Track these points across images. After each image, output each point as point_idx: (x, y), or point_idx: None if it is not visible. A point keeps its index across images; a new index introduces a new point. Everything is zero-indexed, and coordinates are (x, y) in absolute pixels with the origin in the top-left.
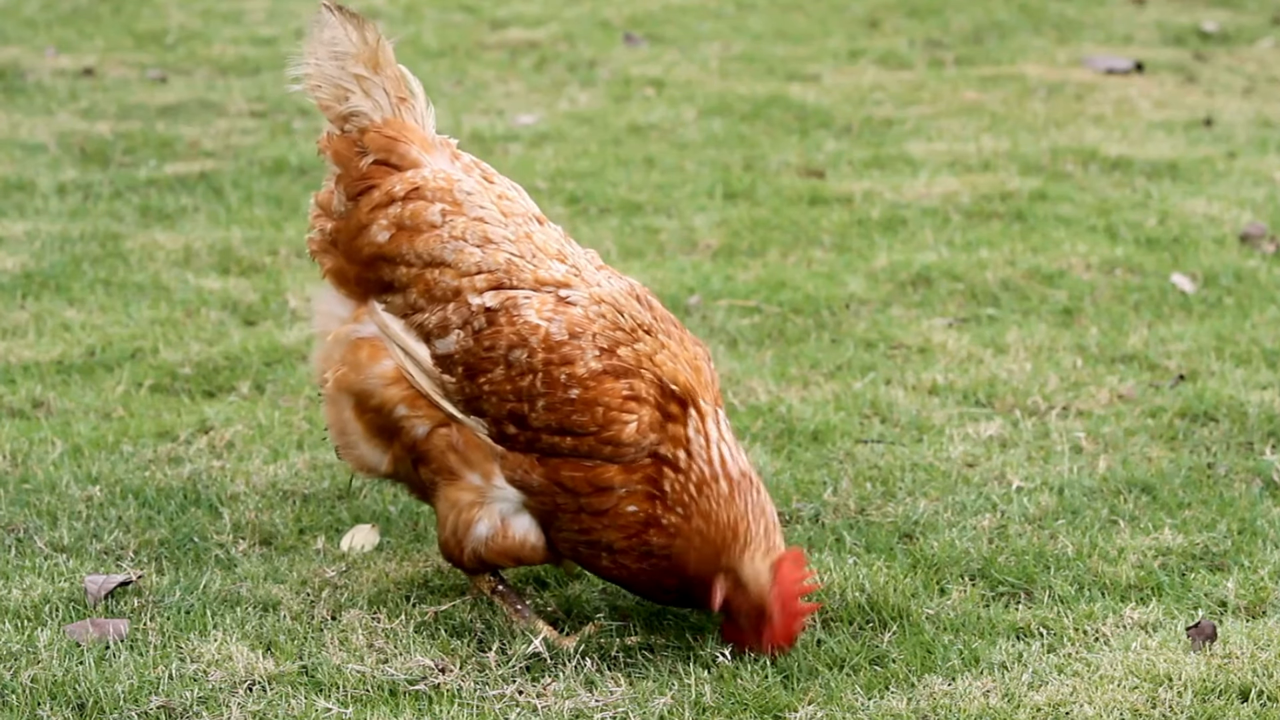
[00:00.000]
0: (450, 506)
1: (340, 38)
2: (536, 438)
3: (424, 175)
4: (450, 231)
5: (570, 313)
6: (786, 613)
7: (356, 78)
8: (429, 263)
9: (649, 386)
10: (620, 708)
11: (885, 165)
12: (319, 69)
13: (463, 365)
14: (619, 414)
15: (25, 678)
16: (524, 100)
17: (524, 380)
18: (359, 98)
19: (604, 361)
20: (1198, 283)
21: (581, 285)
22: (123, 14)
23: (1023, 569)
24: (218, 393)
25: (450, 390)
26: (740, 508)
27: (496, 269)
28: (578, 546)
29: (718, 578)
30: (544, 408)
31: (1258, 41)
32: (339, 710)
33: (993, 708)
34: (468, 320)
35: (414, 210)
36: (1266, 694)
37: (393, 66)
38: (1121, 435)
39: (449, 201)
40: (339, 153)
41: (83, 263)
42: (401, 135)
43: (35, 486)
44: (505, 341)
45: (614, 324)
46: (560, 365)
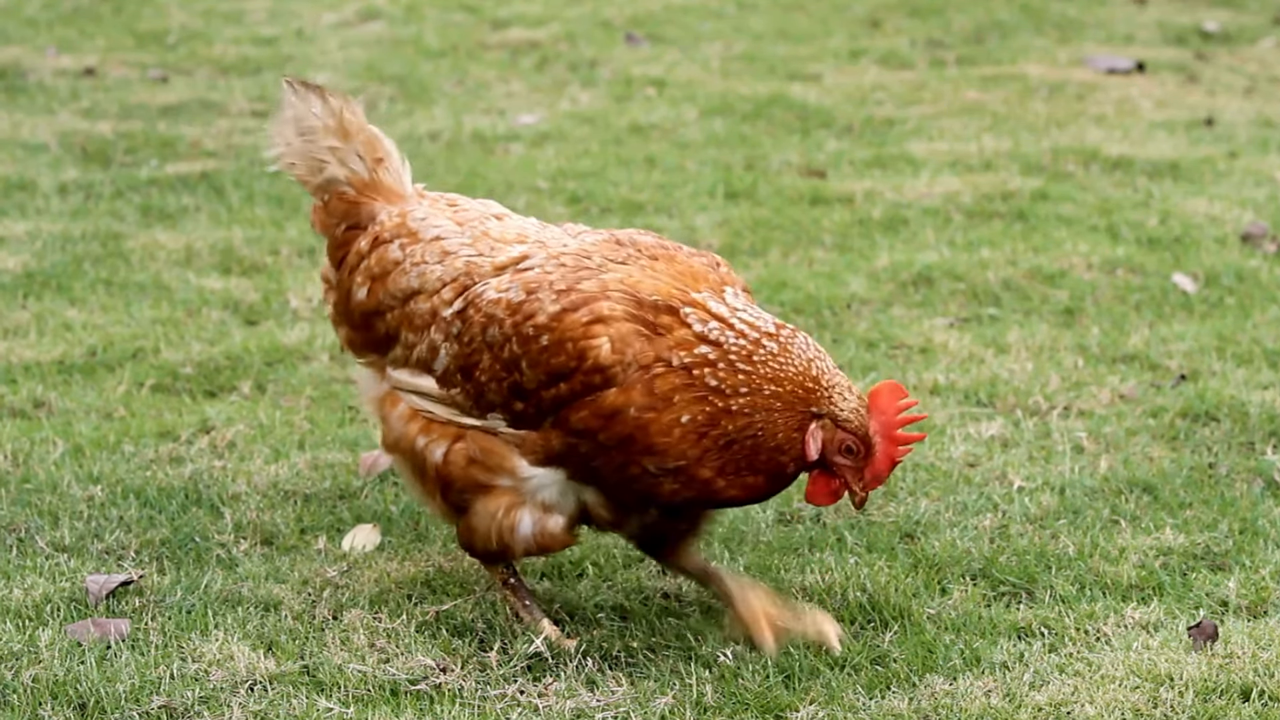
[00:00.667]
0: (488, 518)
1: (304, 113)
2: (539, 400)
3: (380, 221)
4: (410, 260)
5: (525, 276)
6: (891, 440)
7: (330, 149)
8: (404, 298)
9: (615, 305)
10: (622, 707)
11: (886, 165)
12: (290, 146)
13: (459, 371)
14: (587, 341)
15: (26, 677)
16: (525, 100)
17: (504, 351)
18: (334, 167)
19: (560, 302)
20: (1199, 282)
21: (540, 251)
22: (124, 14)
23: (1024, 569)
24: (219, 392)
25: (460, 400)
26: (800, 355)
27: (458, 275)
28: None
29: (811, 426)
30: (528, 366)
31: (1259, 41)
32: (340, 710)
33: (994, 707)
34: (447, 333)
35: (379, 256)
36: (1268, 694)
37: (363, 131)
38: (1123, 435)
39: (405, 234)
40: (323, 224)
41: (84, 262)
42: (366, 194)
43: (37, 486)
44: (478, 327)
45: (575, 268)
46: (525, 321)
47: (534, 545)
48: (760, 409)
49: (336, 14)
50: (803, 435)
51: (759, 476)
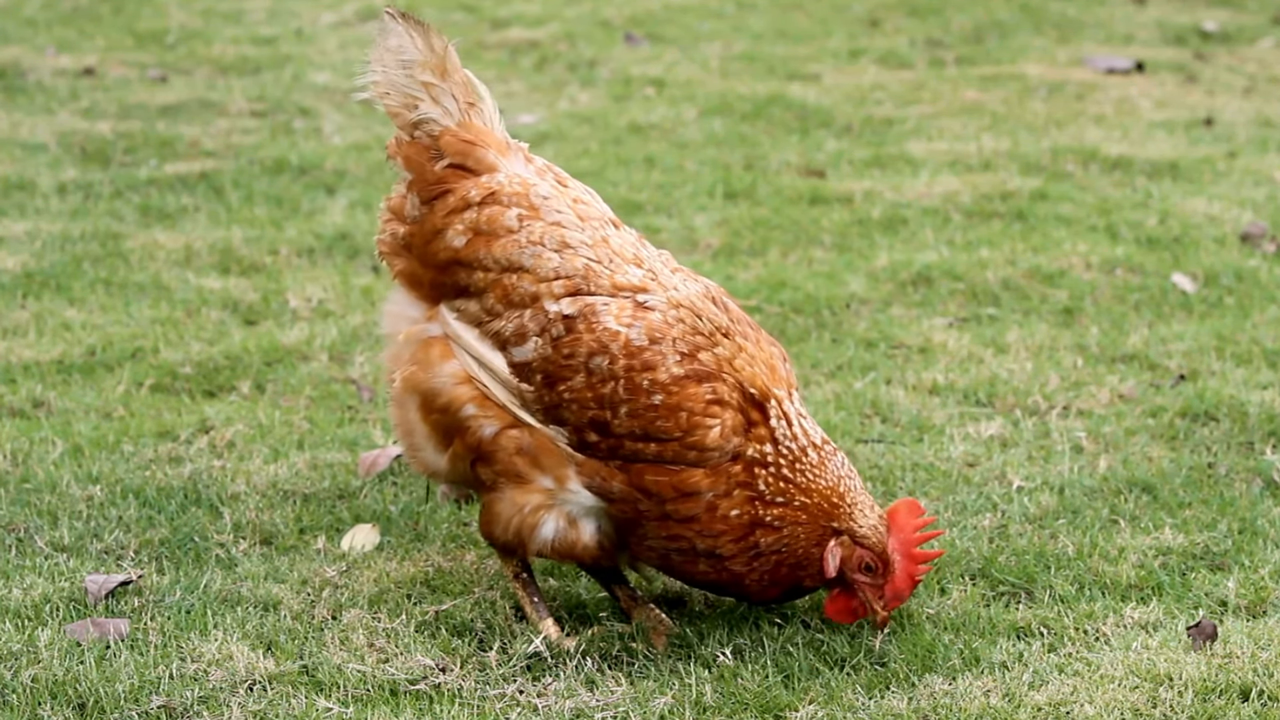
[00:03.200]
0: (514, 508)
1: (407, 45)
2: (619, 444)
3: (499, 180)
4: (528, 236)
5: (649, 318)
6: (910, 559)
7: (425, 85)
8: (506, 268)
9: (731, 390)
10: (621, 707)
11: (886, 165)
12: (386, 76)
13: (541, 373)
14: (703, 419)
15: (26, 677)
16: (524, 100)
17: (605, 387)
18: (428, 104)
19: (685, 366)
20: (1198, 282)
21: (659, 290)
22: (123, 13)
23: (1023, 569)
24: (218, 392)
25: (529, 399)
26: (834, 470)
27: (574, 274)
28: (668, 555)
29: (830, 544)
30: (627, 414)
31: (1258, 41)
32: (339, 710)
33: (993, 707)
34: (545, 327)
35: (490, 215)
36: (1267, 693)
37: (460, 72)
38: (1122, 435)
39: (525, 206)
40: (410, 158)
41: (83, 262)
42: (478, 139)
43: (36, 486)
44: (585, 349)
45: (693, 328)
46: (642, 371)
47: (550, 550)
48: (789, 522)
49: (336, 14)
50: (821, 551)
51: (777, 588)
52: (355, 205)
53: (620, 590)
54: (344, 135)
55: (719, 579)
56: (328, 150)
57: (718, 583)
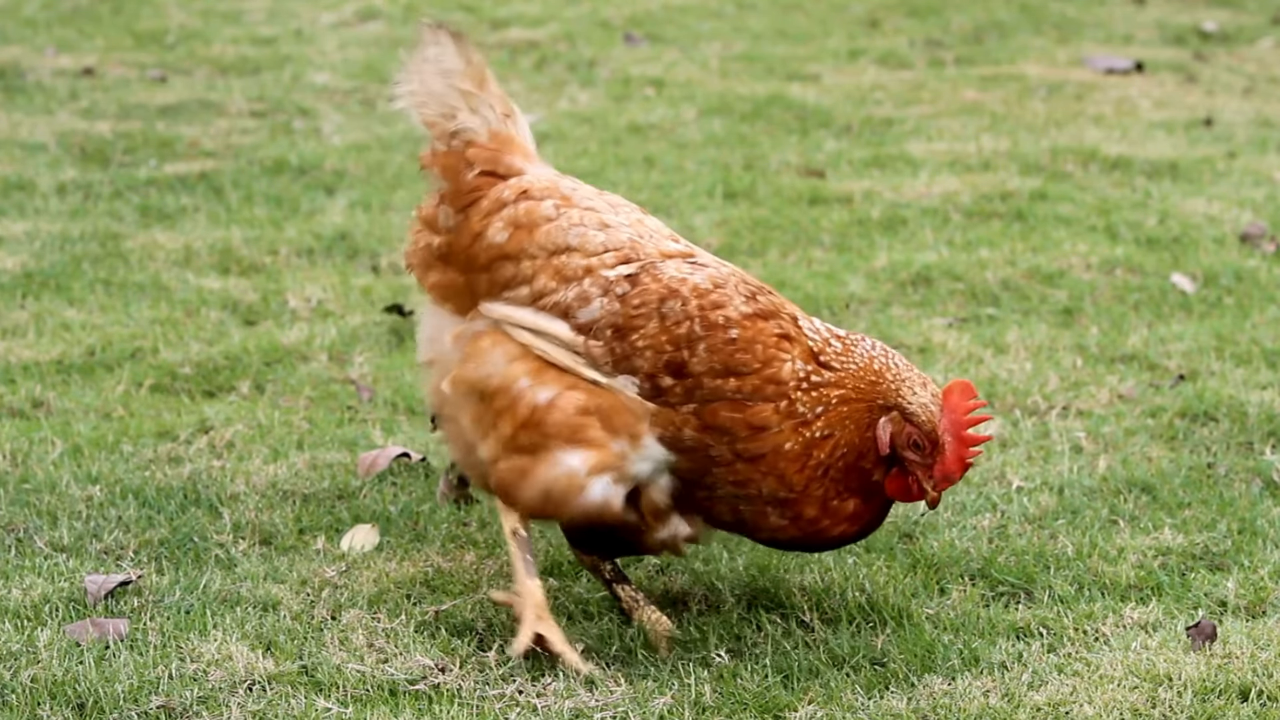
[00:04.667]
0: (560, 469)
1: (446, 55)
2: (698, 384)
3: (528, 180)
4: (568, 220)
5: (706, 270)
6: (960, 440)
7: (464, 94)
8: (554, 250)
9: (792, 326)
10: (620, 707)
11: (885, 165)
12: (424, 85)
13: (610, 328)
14: (777, 352)
15: (25, 677)
16: (524, 100)
17: (681, 328)
18: (466, 114)
19: (751, 306)
20: (1198, 282)
21: (702, 254)
22: (123, 14)
23: (1023, 569)
24: (218, 393)
25: (597, 355)
26: (863, 352)
27: (622, 247)
28: (737, 506)
29: (880, 420)
30: (705, 350)
31: (1258, 41)
32: (339, 710)
33: (993, 707)
34: (608, 289)
35: (528, 209)
36: (1266, 694)
37: (495, 84)
38: (1121, 435)
39: (558, 197)
40: (447, 167)
41: (83, 262)
42: (505, 147)
43: (35, 486)
44: (655, 295)
45: (743, 279)
46: (714, 309)
47: (593, 512)
48: (834, 422)
49: (335, 14)
50: (874, 433)
51: (854, 498)
52: (355, 205)
53: (623, 590)
54: (344, 135)
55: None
56: (327, 150)
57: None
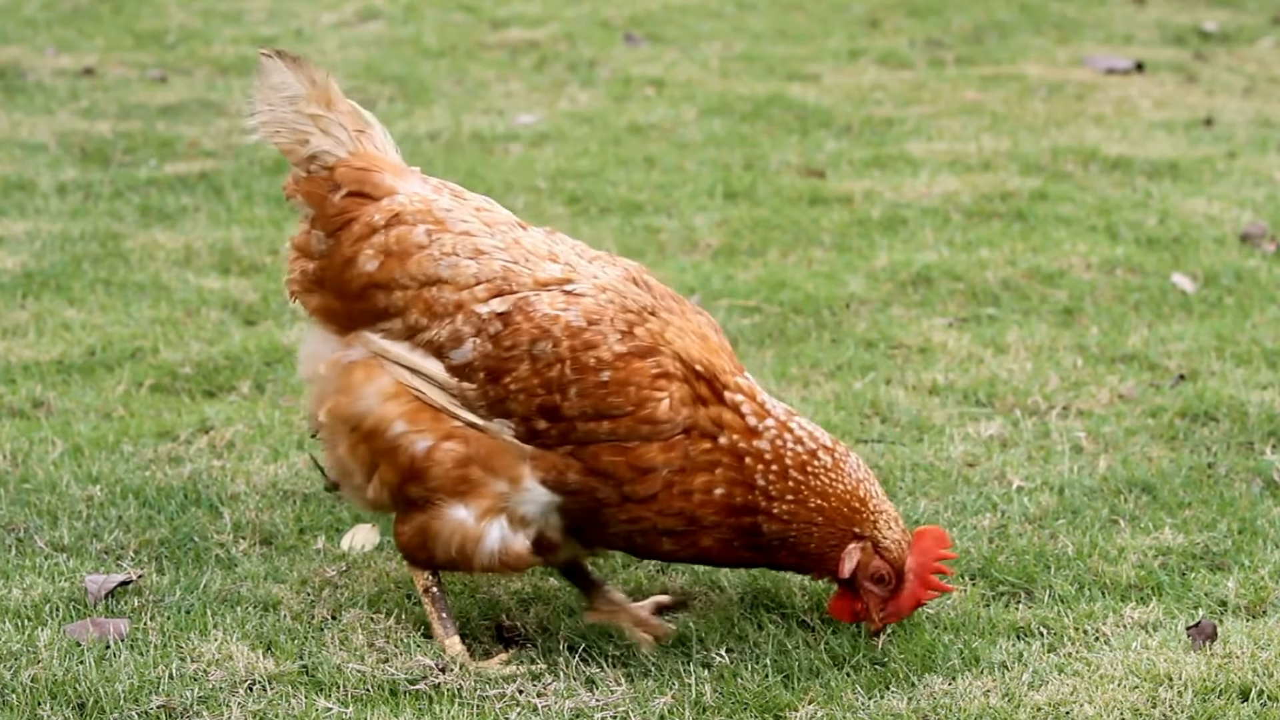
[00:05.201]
0: (454, 523)
1: (289, 81)
2: (571, 428)
3: (400, 201)
4: (440, 249)
5: (582, 302)
6: (923, 583)
7: (312, 117)
8: (425, 282)
9: (672, 362)
10: (620, 707)
11: (885, 165)
12: (274, 114)
13: (484, 370)
14: (651, 391)
15: (25, 677)
16: (524, 100)
17: (552, 371)
18: (319, 137)
19: (627, 343)
20: (1198, 282)
21: (580, 278)
22: (123, 14)
23: (1023, 569)
24: (218, 392)
25: (471, 398)
26: (851, 474)
27: (494, 277)
28: (631, 537)
29: (850, 545)
30: (577, 394)
31: (1258, 41)
32: (339, 710)
33: (993, 707)
34: (481, 328)
35: (399, 235)
36: (1267, 693)
37: (344, 102)
38: (1122, 435)
39: (431, 221)
40: (310, 193)
41: (83, 262)
42: (371, 165)
43: (36, 486)
44: (527, 337)
45: (622, 307)
46: (586, 350)
47: (496, 561)
48: (801, 520)
49: (335, 14)
50: (839, 552)
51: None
52: None
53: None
54: None
55: (689, 555)
56: None
57: (687, 558)
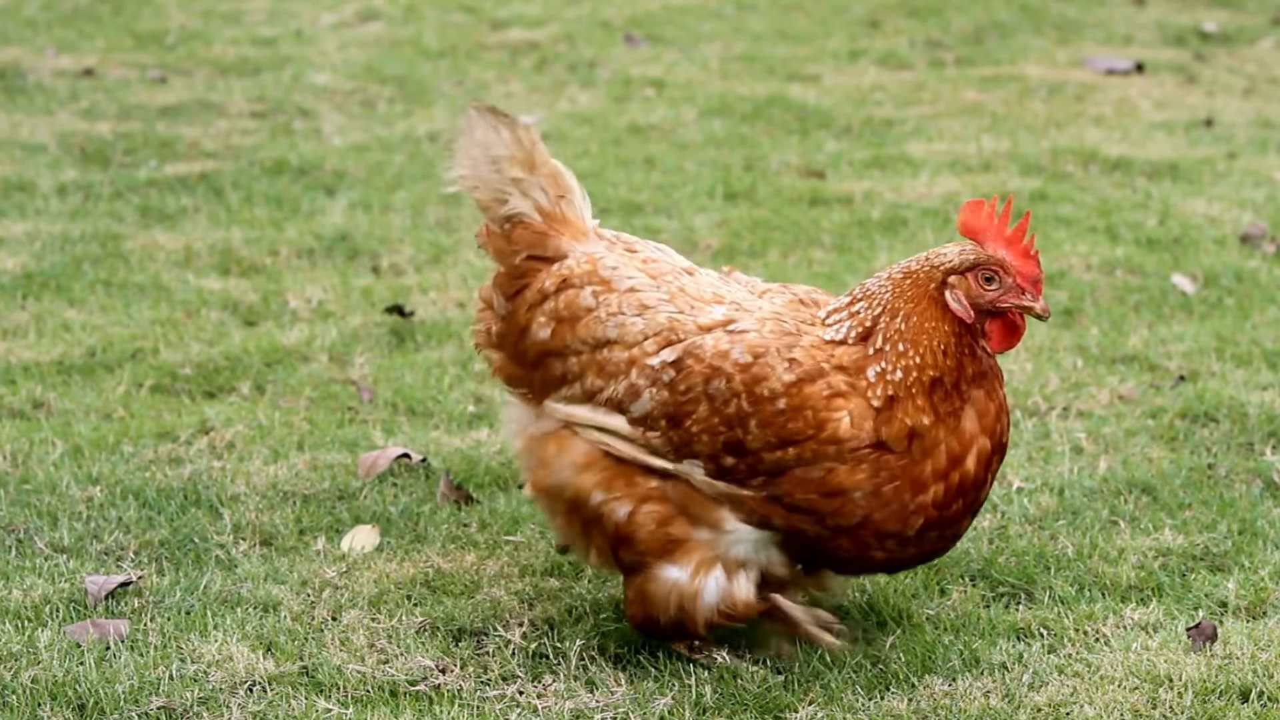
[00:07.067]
0: (668, 583)
1: (493, 140)
2: (759, 460)
3: (569, 265)
4: (607, 310)
5: (746, 339)
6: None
7: (514, 180)
8: (596, 345)
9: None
10: (621, 708)
11: (885, 166)
12: (475, 172)
13: (664, 418)
14: (828, 413)
15: (25, 678)
16: (524, 100)
17: (729, 407)
18: (517, 199)
19: (794, 371)
20: (1198, 283)
21: (744, 316)
22: (123, 14)
23: (1023, 570)
24: (218, 393)
25: (656, 445)
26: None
27: (661, 330)
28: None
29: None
30: (757, 425)
31: (1258, 42)
32: (339, 710)
33: (993, 708)
34: (655, 379)
35: (568, 300)
36: (1267, 694)
37: (548, 164)
38: (1122, 436)
39: (598, 282)
40: (499, 250)
41: (83, 263)
42: (555, 228)
43: (36, 487)
44: (700, 378)
45: (783, 332)
46: (758, 382)
47: (717, 613)
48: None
49: (335, 14)
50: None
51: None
52: (355, 206)
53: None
54: (344, 136)
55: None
56: (327, 151)
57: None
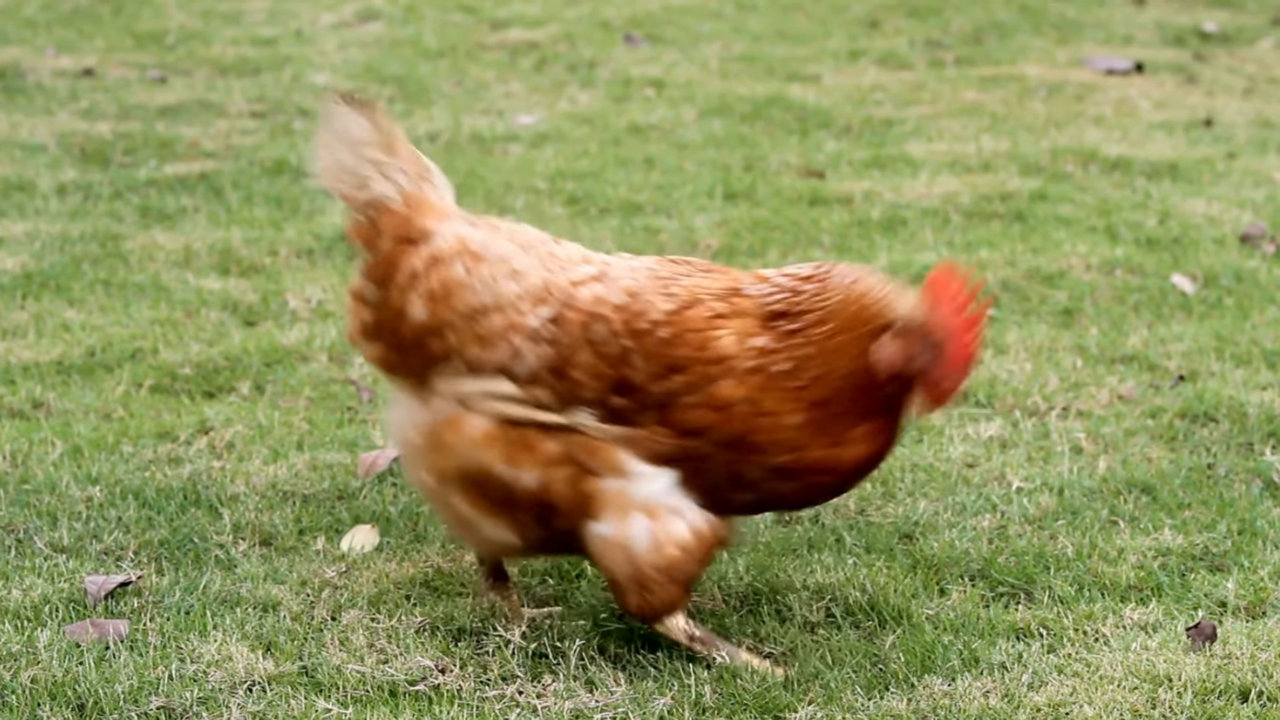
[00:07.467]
0: (603, 543)
1: (353, 127)
2: (647, 395)
3: (436, 244)
4: (479, 280)
5: (620, 282)
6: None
7: (374, 163)
8: (472, 315)
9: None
10: (620, 708)
11: (885, 166)
12: (336, 160)
13: (549, 371)
14: (710, 332)
15: (25, 678)
16: (524, 100)
17: (611, 347)
18: (379, 182)
19: (672, 301)
20: (1198, 283)
21: (613, 269)
22: (123, 14)
23: (1023, 569)
24: (218, 393)
25: (546, 401)
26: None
27: (536, 290)
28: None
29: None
30: (641, 359)
31: (1258, 42)
32: (339, 710)
33: (993, 708)
34: (535, 336)
35: (440, 277)
36: (1266, 694)
37: (408, 148)
38: (1121, 436)
39: (468, 256)
40: (368, 239)
41: (83, 263)
42: (418, 210)
43: (35, 487)
44: (579, 326)
45: (655, 276)
46: (637, 317)
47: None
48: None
49: (335, 14)
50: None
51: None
52: None
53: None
54: None
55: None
56: None
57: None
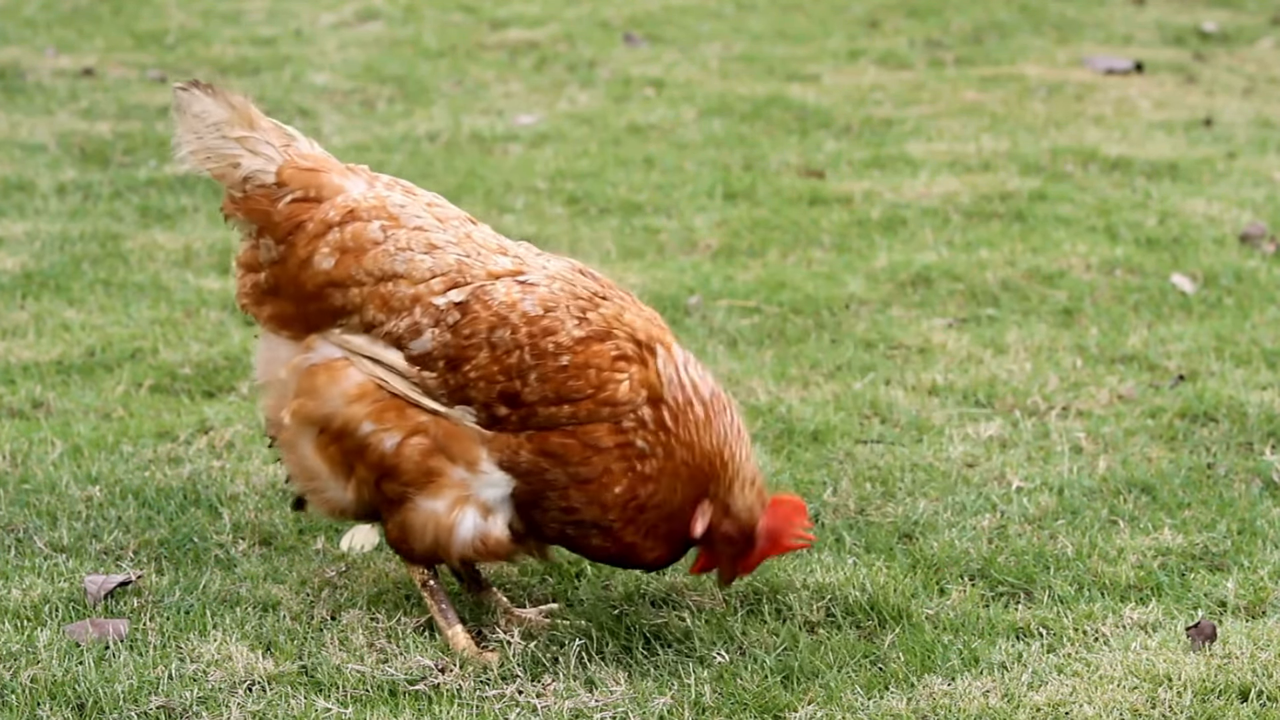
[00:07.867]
0: (428, 514)
1: (210, 108)
2: (532, 412)
3: (354, 198)
4: (395, 244)
5: (537, 291)
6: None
7: (239, 140)
8: (381, 277)
9: (629, 344)
10: (620, 708)
11: (885, 165)
12: (202, 143)
13: (443, 359)
14: (612, 374)
15: (25, 678)
16: (524, 100)
17: (511, 357)
18: (248, 158)
19: (584, 329)
20: (1198, 283)
21: (532, 269)
22: (123, 14)
23: (1022, 569)
24: (217, 393)
25: (431, 386)
26: (720, 432)
27: (449, 270)
28: (565, 529)
29: (702, 505)
30: (537, 380)
31: (1258, 41)
32: (339, 710)
33: (992, 708)
34: (439, 319)
35: (354, 231)
36: (1266, 694)
37: (265, 120)
38: (1121, 435)
39: (386, 217)
40: (253, 209)
41: (82, 263)
42: (318, 165)
43: (35, 487)
44: (485, 325)
45: (573, 294)
46: (545, 336)
47: (473, 550)
48: (667, 474)
49: (335, 14)
50: (694, 509)
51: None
52: None
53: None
54: (343, 135)
55: (611, 549)
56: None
57: (611, 554)
